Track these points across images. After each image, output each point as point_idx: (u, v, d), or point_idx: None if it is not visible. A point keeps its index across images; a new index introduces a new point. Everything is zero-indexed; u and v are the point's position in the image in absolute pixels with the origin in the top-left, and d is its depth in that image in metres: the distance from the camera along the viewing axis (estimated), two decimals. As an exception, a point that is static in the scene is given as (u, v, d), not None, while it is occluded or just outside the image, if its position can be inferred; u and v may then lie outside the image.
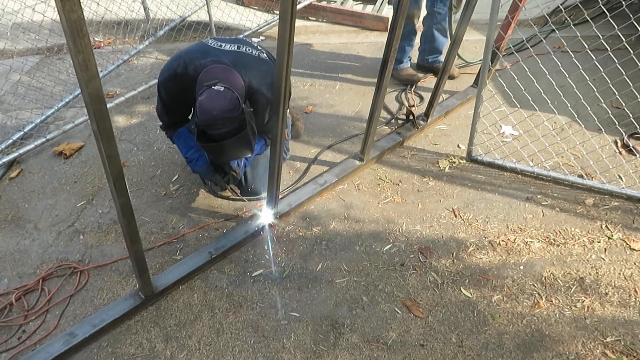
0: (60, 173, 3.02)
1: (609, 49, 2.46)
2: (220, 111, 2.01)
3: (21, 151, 3.09)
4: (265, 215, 2.52)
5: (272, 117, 2.14)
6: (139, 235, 1.89)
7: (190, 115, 2.58)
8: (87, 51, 1.23)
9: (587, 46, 2.55)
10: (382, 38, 4.38)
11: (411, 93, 3.61)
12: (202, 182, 2.78)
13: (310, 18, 4.88)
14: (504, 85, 3.00)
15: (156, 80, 2.59)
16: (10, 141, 3.17)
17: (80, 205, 2.76)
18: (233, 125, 2.06)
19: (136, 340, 2.07)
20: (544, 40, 2.97)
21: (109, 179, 1.60)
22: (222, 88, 2.04)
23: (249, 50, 2.34)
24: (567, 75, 2.65)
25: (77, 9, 1.14)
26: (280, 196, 2.55)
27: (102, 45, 4.63)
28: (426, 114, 3.19)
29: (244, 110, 2.07)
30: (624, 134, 2.81)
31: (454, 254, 2.38)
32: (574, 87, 2.66)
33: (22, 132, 3.24)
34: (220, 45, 2.31)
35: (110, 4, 4.27)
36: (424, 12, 3.55)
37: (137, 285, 2.15)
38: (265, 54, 2.41)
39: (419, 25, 3.58)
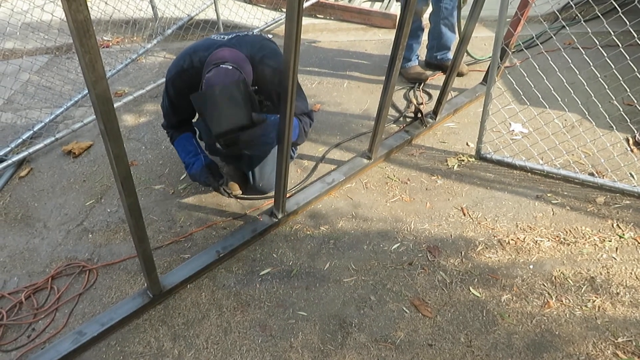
0: (69, 172, 3.04)
1: (620, 45, 2.43)
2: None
3: (31, 150, 3.11)
4: (272, 213, 2.51)
5: (299, 95, 2.15)
6: (147, 234, 1.89)
7: (195, 119, 2.59)
8: (94, 52, 1.22)
9: (598, 42, 2.52)
10: (390, 35, 4.35)
11: (419, 91, 3.59)
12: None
13: (318, 16, 4.87)
14: (514, 82, 2.97)
15: (164, 79, 2.60)
16: (20, 140, 3.20)
17: (89, 204, 2.78)
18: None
19: (144, 339, 2.08)
20: (554, 37, 2.93)
21: (117, 179, 1.60)
22: (231, 67, 2.06)
23: (251, 34, 2.43)
24: (577, 72, 2.62)
25: (84, 9, 1.13)
26: (287, 195, 2.54)
27: (111, 44, 4.66)
28: (435, 112, 3.16)
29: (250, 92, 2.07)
30: (635, 132, 2.77)
31: (463, 253, 2.37)
32: (585, 84, 2.63)
33: (31, 131, 3.26)
34: (224, 37, 2.36)
35: (118, 3, 4.29)
36: (430, 8, 3.52)
37: (146, 284, 2.16)
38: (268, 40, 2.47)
39: (425, 22, 3.56)
